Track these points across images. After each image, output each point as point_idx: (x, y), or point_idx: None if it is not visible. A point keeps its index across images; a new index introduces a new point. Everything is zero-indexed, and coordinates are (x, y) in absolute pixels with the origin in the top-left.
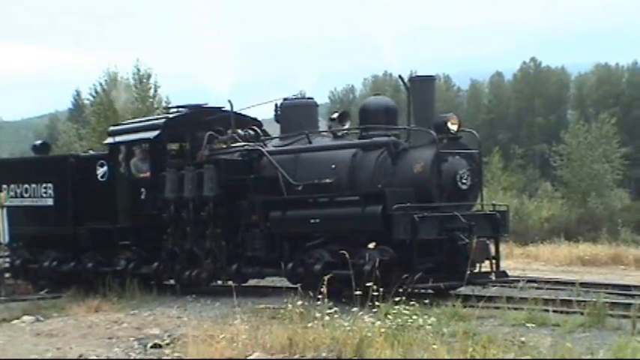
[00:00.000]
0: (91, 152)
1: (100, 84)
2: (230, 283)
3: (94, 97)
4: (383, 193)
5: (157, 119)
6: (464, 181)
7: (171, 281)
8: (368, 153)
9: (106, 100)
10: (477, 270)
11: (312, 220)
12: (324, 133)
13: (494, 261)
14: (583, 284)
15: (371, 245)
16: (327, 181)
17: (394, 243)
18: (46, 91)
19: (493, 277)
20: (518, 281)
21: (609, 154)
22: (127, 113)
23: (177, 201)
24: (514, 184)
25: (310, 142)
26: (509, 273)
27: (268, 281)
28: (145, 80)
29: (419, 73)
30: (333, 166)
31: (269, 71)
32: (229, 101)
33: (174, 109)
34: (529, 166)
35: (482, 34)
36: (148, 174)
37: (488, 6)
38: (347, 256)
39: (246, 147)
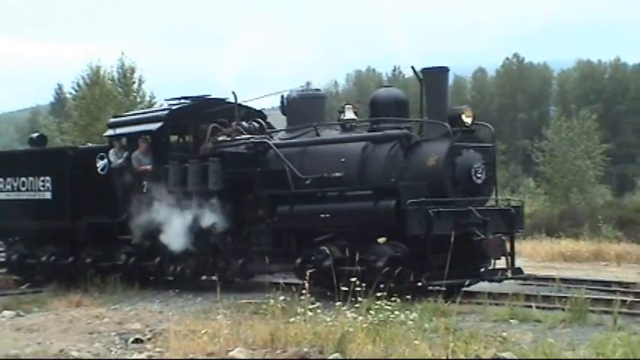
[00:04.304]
0: (90, 145)
1: (83, 77)
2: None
3: (76, 90)
4: (396, 187)
5: (159, 111)
6: (478, 175)
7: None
8: (379, 146)
9: (88, 94)
10: (491, 266)
11: (322, 215)
12: (333, 126)
13: (509, 257)
14: (564, 280)
15: (381, 240)
16: (337, 174)
17: (407, 239)
18: (27, 85)
19: (509, 274)
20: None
21: (591, 150)
22: (110, 107)
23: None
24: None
25: (318, 135)
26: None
27: None
28: (128, 74)
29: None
30: (343, 159)
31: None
32: (233, 92)
33: (177, 101)
34: (511, 162)
35: (464, 29)
36: (149, 167)
37: (471, 1)
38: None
39: (251, 139)
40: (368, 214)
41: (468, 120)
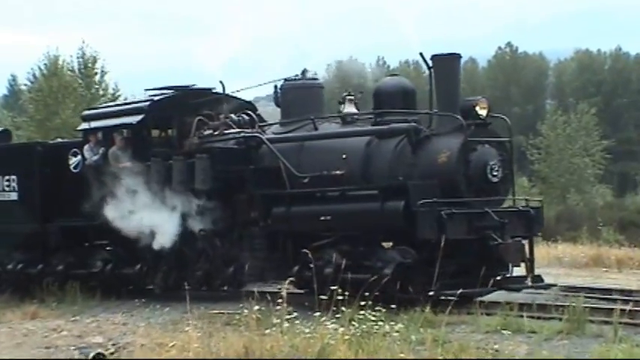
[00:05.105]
0: (61, 140)
1: (40, 68)
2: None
3: (32, 82)
4: (405, 187)
5: (139, 102)
6: (495, 172)
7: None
8: (384, 141)
9: (45, 86)
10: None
11: (322, 217)
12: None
13: (529, 264)
14: (562, 287)
15: (387, 245)
16: (338, 172)
17: (417, 243)
18: None
19: (529, 282)
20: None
21: (590, 147)
22: (69, 100)
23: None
24: None
25: (316, 129)
26: None
27: None
28: (90, 65)
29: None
30: (344, 155)
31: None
32: (221, 82)
33: (158, 91)
34: None
35: (454, 17)
36: (129, 164)
37: None
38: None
39: (242, 134)
40: (374, 216)
41: (482, 112)
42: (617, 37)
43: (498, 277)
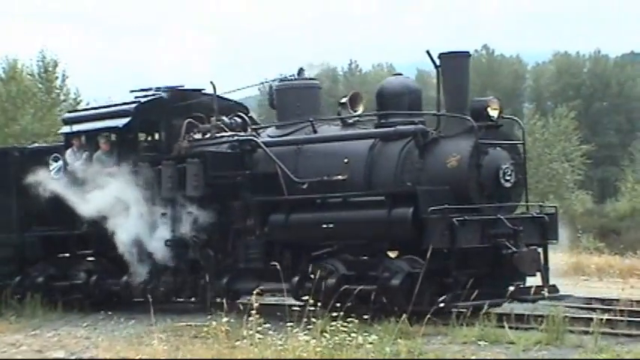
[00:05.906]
0: (38, 144)
1: None
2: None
3: None
4: (414, 193)
5: (125, 104)
6: (507, 177)
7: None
8: (389, 144)
9: (4, 91)
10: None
11: (324, 225)
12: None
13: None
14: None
15: (393, 254)
16: (339, 177)
17: (425, 252)
18: None
19: (546, 293)
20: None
21: (569, 152)
22: (29, 106)
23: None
24: None
25: (315, 132)
26: None
27: None
28: (50, 69)
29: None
30: (346, 159)
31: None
32: (212, 82)
33: (145, 93)
34: None
35: (429, 18)
36: (114, 169)
37: None
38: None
39: (236, 137)
40: (380, 224)
41: (494, 113)
42: (597, 40)
43: (512, 288)
